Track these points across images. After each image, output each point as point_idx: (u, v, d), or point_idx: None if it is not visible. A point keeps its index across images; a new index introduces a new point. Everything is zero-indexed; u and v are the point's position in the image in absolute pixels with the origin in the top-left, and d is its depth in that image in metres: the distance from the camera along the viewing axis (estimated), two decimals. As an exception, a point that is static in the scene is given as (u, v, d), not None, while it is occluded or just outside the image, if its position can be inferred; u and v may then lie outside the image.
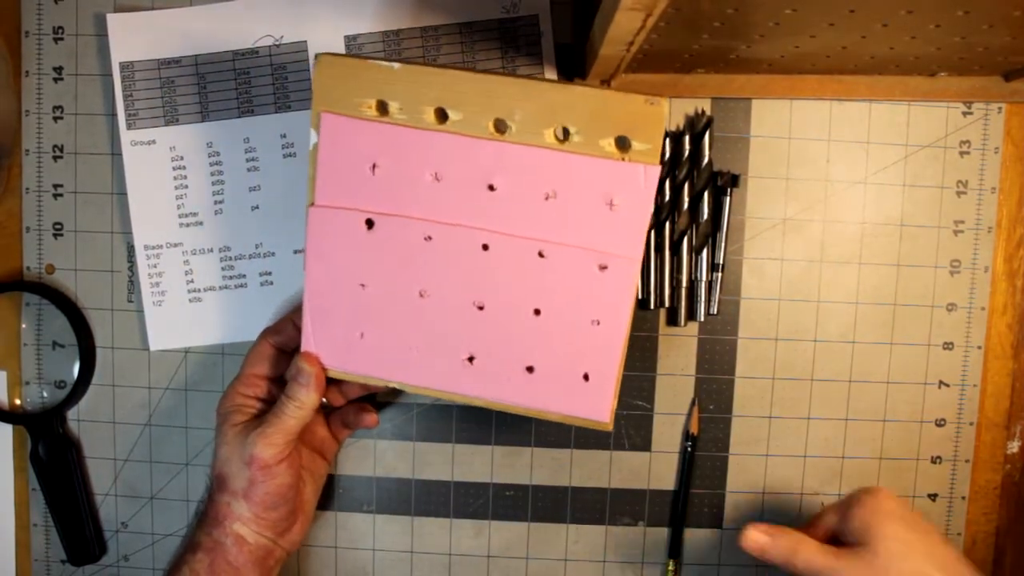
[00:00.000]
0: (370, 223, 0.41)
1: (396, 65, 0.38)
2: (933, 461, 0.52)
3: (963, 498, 0.52)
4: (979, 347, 0.51)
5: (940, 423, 0.51)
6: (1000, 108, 0.50)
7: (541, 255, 0.40)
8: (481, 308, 0.41)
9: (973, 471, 0.52)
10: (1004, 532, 0.52)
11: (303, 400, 0.42)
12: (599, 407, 0.41)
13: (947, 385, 0.51)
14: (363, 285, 0.41)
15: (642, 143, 0.37)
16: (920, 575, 0.38)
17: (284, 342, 0.46)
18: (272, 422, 0.43)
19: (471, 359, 0.41)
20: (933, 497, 0.52)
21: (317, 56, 0.39)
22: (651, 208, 0.38)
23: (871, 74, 0.48)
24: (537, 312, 0.40)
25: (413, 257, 0.41)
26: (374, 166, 0.40)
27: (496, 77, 0.38)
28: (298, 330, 0.43)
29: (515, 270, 0.40)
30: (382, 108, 0.39)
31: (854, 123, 0.50)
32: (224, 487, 0.43)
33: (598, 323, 0.40)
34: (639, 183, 0.38)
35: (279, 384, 0.45)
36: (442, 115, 0.39)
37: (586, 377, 0.41)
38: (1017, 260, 0.51)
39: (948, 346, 0.51)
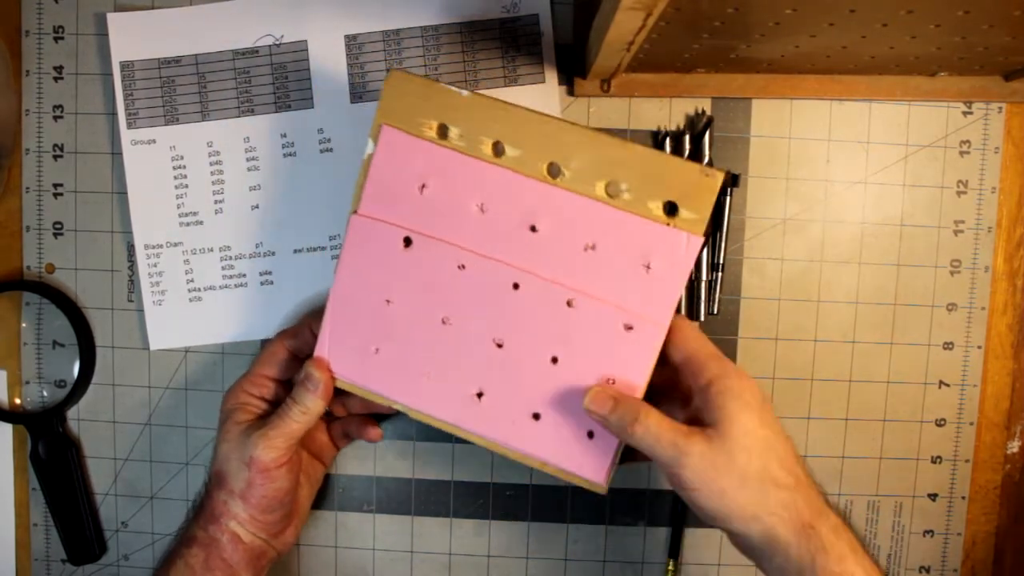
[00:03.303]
0: (408, 241, 0.41)
1: (465, 93, 0.39)
2: (933, 461, 0.52)
3: (963, 498, 0.52)
4: (979, 347, 0.51)
5: (940, 423, 0.51)
6: (1000, 108, 0.50)
7: (569, 304, 0.39)
8: (500, 346, 0.41)
9: (973, 471, 0.52)
10: (1004, 532, 0.52)
11: (308, 406, 0.42)
12: (597, 468, 0.41)
13: (947, 385, 0.51)
14: (388, 301, 0.41)
15: (690, 212, 0.37)
16: (764, 471, 0.36)
17: (299, 346, 0.45)
18: (275, 424, 0.42)
19: (480, 395, 0.41)
20: (933, 497, 0.52)
21: (389, 70, 0.40)
22: (686, 277, 0.38)
23: (871, 74, 0.48)
24: (554, 360, 0.40)
25: (443, 282, 0.41)
26: (423, 186, 0.40)
27: (560, 122, 0.39)
28: (314, 336, 0.43)
29: (541, 314, 0.40)
30: (442, 132, 0.40)
31: (854, 123, 0.50)
32: (222, 484, 0.43)
33: (613, 382, 0.40)
34: (680, 250, 0.38)
35: (287, 388, 0.45)
36: (499, 149, 0.39)
37: (590, 435, 0.40)
38: (1017, 260, 0.51)
39: (948, 346, 0.51)
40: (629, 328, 0.39)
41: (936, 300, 0.51)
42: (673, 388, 0.41)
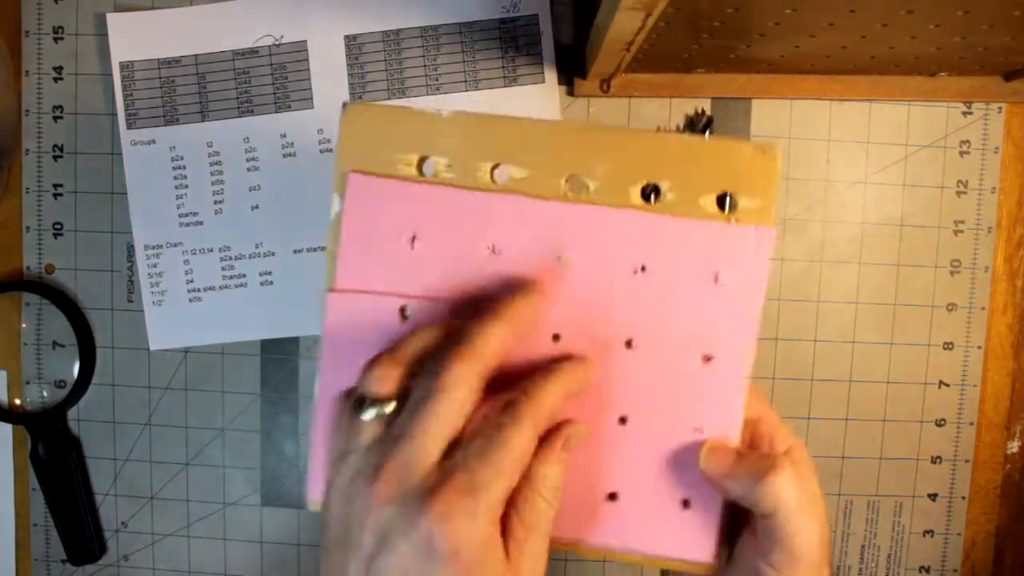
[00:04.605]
0: (405, 312, 0.32)
1: (444, 112, 0.32)
2: (933, 461, 0.52)
3: (963, 498, 0.52)
4: (979, 347, 0.51)
5: (940, 423, 0.51)
6: (1000, 108, 0.50)
7: (629, 345, 0.32)
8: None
9: (973, 471, 0.52)
10: (1004, 532, 0.52)
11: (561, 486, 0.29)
12: (703, 543, 0.32)
13: (947, 385, 0.51)
14: None
15: (752, 199, 0.31)
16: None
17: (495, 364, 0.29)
18: (537, 526, 0.28)
19: None
20: (933, 497, 0.52)
21: (344, 105, 0.32)
22: (765, 281, 0.31)
23: (871, 74, 0.48)
24: (623, 421, 0.32)
25: None
26: (413, 238, 0.32)
27: (572, 125, 0.32)
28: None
29: (596, 368, 0.32)
30: (425, 166, 0.32)
31: (854, 123, 0.50)
32: None
33: (701, 431, 0.32)
34: (750, 249, 0.31)
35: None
36: (500, 172, 0.32)
37: (686, 504, 0.32)
38: (1017, 260, 0.51)
39: (948, 346, 0.51)
40: (708, 359, 0.31)
41: (936, 300, 0.51)
42: None
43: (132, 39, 0.49)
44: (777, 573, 0.30)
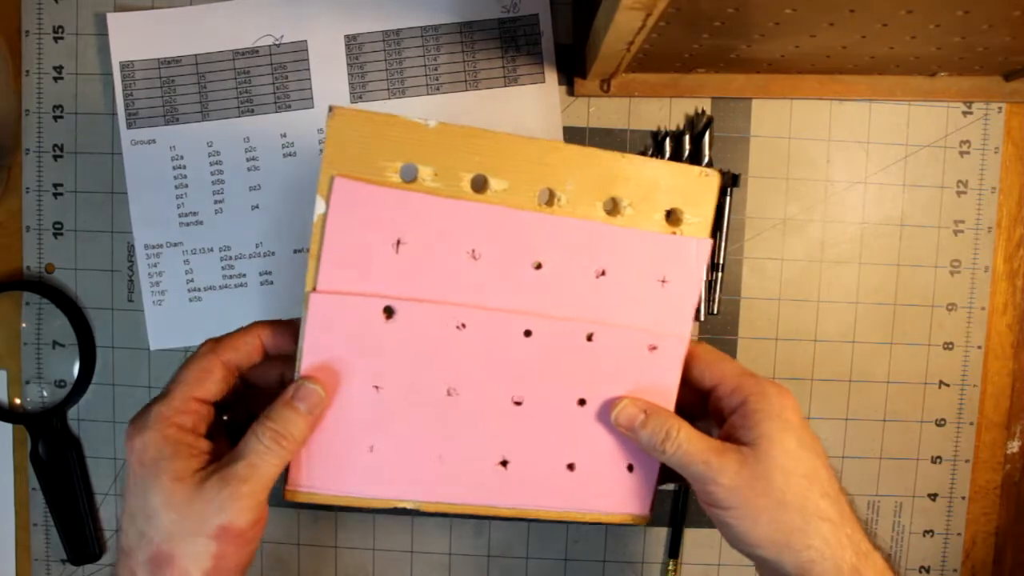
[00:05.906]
0: (390, 311, 0.34)
1: (432, 123, 0.33)
2: (933, 461, 0.52)
3: (963, 498, 0.52)
4: (979, 347, 0.51)
5: (940, 423, 0.51)
6: (1000, 108, 0.50)
7: (589, 339, 0.36)
8: (519, 404, 0.36)
9: (973, 471, 0.52)
10: (1004, 532, 0.52)
11: (295, 433, 0.33)
12: (641, 500, 0.38)
13: (947, 385, 0.51)
14: (377, 387, 0.35)
15: (694, 216, 0.36)
16: (804, 498, 0.33)
17: (241, 360, 0.36)
18: (246, 472, 0.32)
19: (504, 463, 0.37)
20: (933, 497, 0.52)
21: (331, 109, 0.32)
22: (701, 283, 0.37)
23: (871, 74, 0.48)
24: (581, 402, 0.37)
25: (442, 349, 0.35)
26: (398, 243, 0.34)
27: (547, 143, 0.34)
28: (264, 347, 0.36)
29: (561, 357, 0.36)
30: (410, 174, 0.34)
31: (854, 123, 0.50)
32: (167, 571, 0.31)
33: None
34: (691, 257, 0.36)
35: (220, 414, 0.36)
36: (481, 183, 0.34)
37: (630, 468, 0.38)
38: (1017, 260, 0.51)
39: (948, 346, 0.51)
40: (653, 348, 0.37)
41: (936, 300, 0.51)
42: (704, 411, 0.38)
43: (132, 39, 0.49)
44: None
